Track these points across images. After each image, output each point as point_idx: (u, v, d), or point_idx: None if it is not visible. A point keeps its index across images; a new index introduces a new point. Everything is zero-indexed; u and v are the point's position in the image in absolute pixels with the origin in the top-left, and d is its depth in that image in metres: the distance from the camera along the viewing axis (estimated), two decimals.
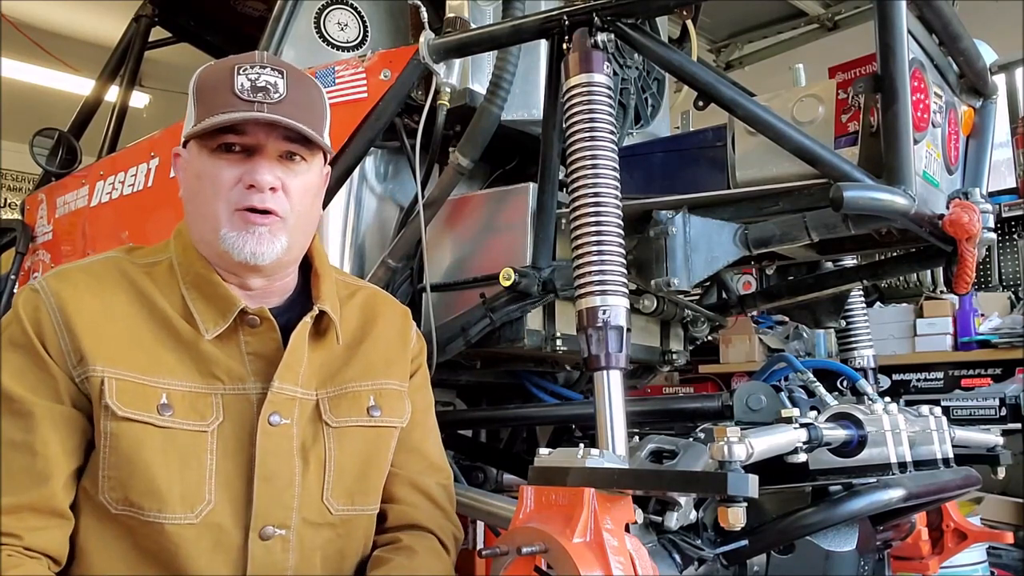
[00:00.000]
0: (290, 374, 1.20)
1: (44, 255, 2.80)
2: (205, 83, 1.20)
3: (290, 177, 1.19)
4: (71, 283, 1.17)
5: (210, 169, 1.18)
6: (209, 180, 1.18)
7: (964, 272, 1.53)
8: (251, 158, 1.17)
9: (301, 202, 1.21)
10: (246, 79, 1.16)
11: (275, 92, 1.16)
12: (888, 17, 1.37)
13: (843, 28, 4.28)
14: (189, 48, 3.29)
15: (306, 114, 1.19)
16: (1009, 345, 3.61)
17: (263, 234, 1.17)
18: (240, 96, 1.15)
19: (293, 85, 1.19)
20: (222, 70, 1.19)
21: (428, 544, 1.32)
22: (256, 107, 1.15)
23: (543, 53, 1.86)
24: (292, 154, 1.20)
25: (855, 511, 1.32)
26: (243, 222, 1.17)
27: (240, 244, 1.17)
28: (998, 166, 3.94)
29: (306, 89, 1.22)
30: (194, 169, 1.21)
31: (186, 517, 1.12)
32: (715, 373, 4.40)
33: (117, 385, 1.12)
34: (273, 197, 1.17)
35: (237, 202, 1.17)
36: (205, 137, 1.17)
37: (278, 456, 1.17)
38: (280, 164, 1.19)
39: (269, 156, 1.18)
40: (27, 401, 1.10)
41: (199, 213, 1.21)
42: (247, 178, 1.16)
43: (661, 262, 1.52)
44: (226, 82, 1.16)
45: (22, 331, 1.13)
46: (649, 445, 1.29)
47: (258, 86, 1.16)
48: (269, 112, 1.15)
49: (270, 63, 1.20)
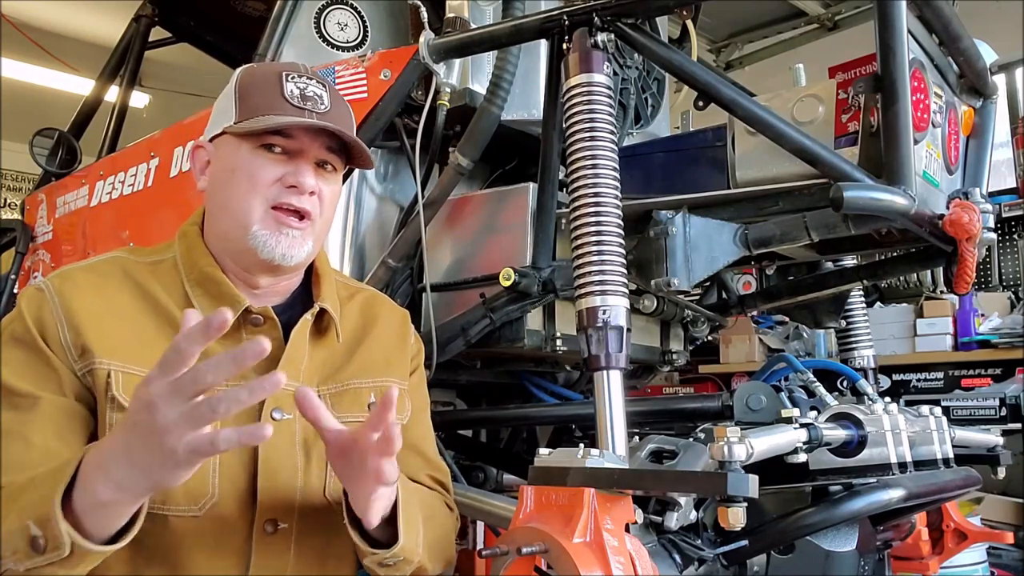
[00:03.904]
0: (292, 369, 1.21)
1: (44, 255, 2.80)
2: (250, 84, 1.23)
3: (323, 184, 1.23)
4: (74, 282, 1.18)
5: (249, 165, 1.20)
6: (246, 175, 1.20)
7: (964, 272, 1.53)
8: (293, 160, 1.21)
9: (329, 209, 1.26)
10: (295, 86, 1.21)
11: (321, 103, 1.22)
12: (888, 17, 1.37)
13: (843, 28, 4.27)
14: (189, 48, 3.29)
15: (346, 127, 1.24)
16: (1009, 345, 3.61)
17: (296, 236, 1.20)
18: (290, 102, 1.19)
19: (334, 98, 1.25)
20: (269, 74, 1.23)
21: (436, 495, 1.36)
22: (307, 115, 1.19)
23: (543, 53, 1.86)
24: (326, 162, 1.24)
25: (855, 511, 1.32)
26: (276, 223, 1.20)
27: (272, 244, 1.19)
28: (998, 166, 3.95)
29: (343, 104, 1.28)
30: (228, 163, 1.22)
31: (190, 510, 1.13)
32: (715, 373, 4.41)
33: (123, 378, 1.13)
34: (310, 200, 1.21)
35: (275, 199, 1.20)
36: (247, 134, 1.20)
37: (280, 450, 1.19)
38: (316, 170, 1.23)
39: (309, 161, 1.22)
40: (29, 394, 1.11)
41: (227, 206, 1.22)
42: (290, 178, 1.20)
43: (661, 262, 1.52)
44: (275, 86, 1.20)
45: (24, 327, 1.14)
46: (649, 445, 1.29)
47: (307, 95, 1.21)
48: (318, 120, 1.19)
49: (314, 76, 1.25)
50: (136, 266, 1.23)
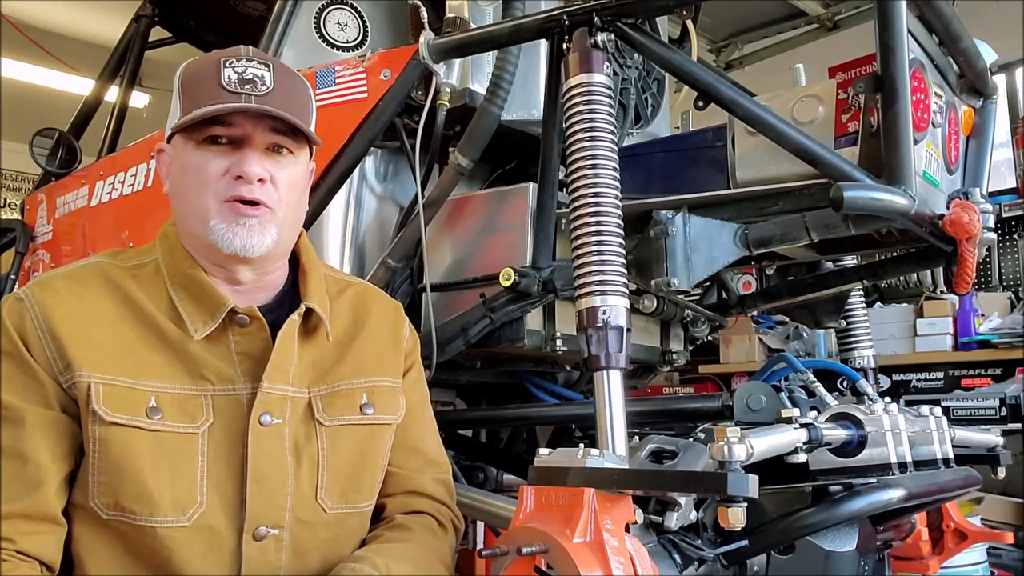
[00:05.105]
0: (279, 373, 1.19)
1: (44, 255, 2.80)
2: (190, 76, 1.20)
3: (277, 169, 1.19)
4: (54, 291, 1.16)
5: (196, 161, 1.17)
6: (195, 172, 1.17)
7: (964, 272, 1.53)
8: (239, 149, 1.17)
9: (289, 194, 1.21)
10: (232, 71, 1.16)
11: (262, 84, 1.17)
12: (888, 17, 1.37)
13: (843, 28, 4.27)
14: (189, 48, 3.28)
15: (293, 106, 1.19)
16: (1009, 345, 3.61)
17: (253, 226, 1.17)
18: (227, 88, 1.15)
19: (279, 78, 1.19)
20: (207, 63, 1.19)
21: (424, 522, 1.32)
22: (244, 99, 1.15)
23: (543, 53, 1.86)
24: (279, 147, 1.19)
25: (855, 511, 1.32)
26: (233, 213, 1.16)
27: (230, 236, 1.16)
28: (998, 166, 3.94)
29: (292, 82, 1.23)
30: (180, 163, 1.20)
31: (178, 520, 1.11)
32: (715, 373, 4.40)
33: (104, 390, 1.11)
34: (261, 188, 1.17)
35: (225, 193, 1.16)
36: (191, 130, 1.17)
37: (270, 456, 1.17)
38: (267, 156, 1.18)
39: (256, 148, 1.17)
40: (16, 408, 1.10)
41: (187, 206, 1.20)
42: (235, 169, 1.16)
43: (661, 262, 1.52)
44: (212, 75, 1.16)
45: (8, 339, 1.12)
46: (649, 445, 1.29)
47: (245, 78, 1.16)
48: (257, 103, 1.15)
49: (256, 56, 1.20)
50: (117, 271, 1.21)
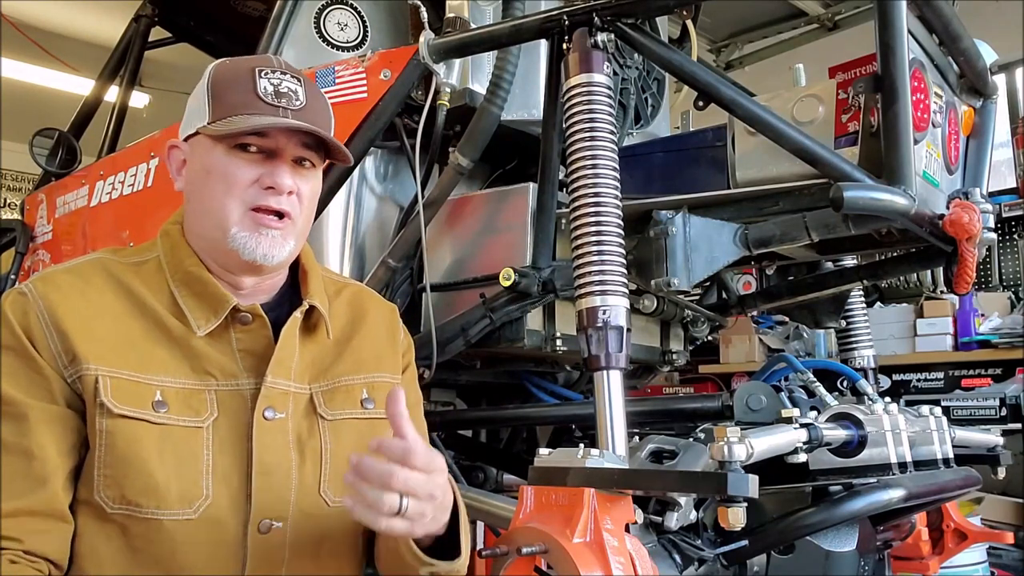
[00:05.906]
0: (282, 369, 1.20)
1: (44, 255, 2.80)
2: (223, 81, 1.21)
3: (302, 182, 1.21)
4: (56, 285, 1.16)
5: (224, 166, 1.18)
6: (221, 177, 1.18)
7: (964, 272, 1.53)
8: (269, 160, 1.19)
9: (309, 206, 1.24)
10: (268, 83, 1.18)
11: (296, 99, 1.19)
12: (888, 17, 1.37)
13: (843, 28, 4.27)
14: (189, 48, 3.29)
15: (323, 122, 1.21)
16: (1009, 345, 3.61)
17: (276, 237, 1.19)
18: (264, 100, 1.17)
19: (310, 93, 1.22)
20: (241, 70, 1.20)
21: None
22: (281, 113, 1.17)
23: (543, 53, 1.86)
24: (303, 159, 1.22)
25: (855, 511, 1.32)
26: (255, 223, 1.18)
27: (252, 245, 1.18)
28: (998, 166, 3.94)
29: (319, 98, 1.25)
30: (203, 164, 1.21)
31: (184, 513, 1.12)
32: (715, 373, 4.40)
33: (112, 383, 1.11)
34: (288, 200, 1.19)
35: (252, 201, 1.18)
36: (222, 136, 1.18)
37: (274, 450, 1.18)
38: (294, 169, 1.21)
39: (287, 160, 1.20)
40: (21, 403, 1.10)
41: (205, 208, 1.21)
42: (267, 179, 1.18)
43: (661, 262, 1.52)
44: (247, 83, 1.18)
45: (11, 333, 1.12)
46: (649, 445, 1.29)
47: (281, 91, 1.18)
48: (294, 119, 1.17)
49: (288, 69, 1.22)
50: (119, 267, 1.21)
